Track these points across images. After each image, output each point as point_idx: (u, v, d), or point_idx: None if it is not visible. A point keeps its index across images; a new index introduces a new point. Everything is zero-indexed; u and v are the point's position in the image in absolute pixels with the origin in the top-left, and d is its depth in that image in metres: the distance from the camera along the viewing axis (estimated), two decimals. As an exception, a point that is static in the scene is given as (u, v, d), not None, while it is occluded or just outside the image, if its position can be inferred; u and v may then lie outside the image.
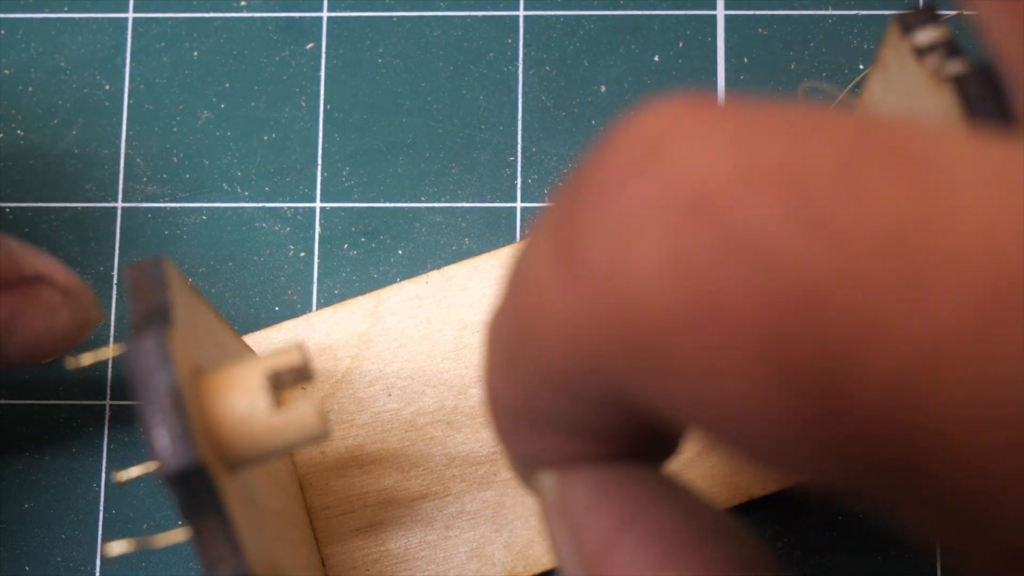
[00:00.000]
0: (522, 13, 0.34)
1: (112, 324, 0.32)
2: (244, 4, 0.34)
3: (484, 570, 0.29)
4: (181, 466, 0.20)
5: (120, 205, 0.33)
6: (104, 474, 0.31)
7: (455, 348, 0.31)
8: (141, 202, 0.33)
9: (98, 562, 0.31)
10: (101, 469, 0.31)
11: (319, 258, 0.32)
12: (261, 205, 0.33)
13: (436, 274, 0.31)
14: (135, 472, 0.23)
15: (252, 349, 0.30)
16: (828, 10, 0.33)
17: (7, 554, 0.31)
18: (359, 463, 0.30)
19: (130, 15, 0.34)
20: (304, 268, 0.32)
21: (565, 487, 0.19)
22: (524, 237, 0.18)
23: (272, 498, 0.26)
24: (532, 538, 0.30)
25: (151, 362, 0.20)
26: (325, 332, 0.31)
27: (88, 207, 0.33)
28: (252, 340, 0.31)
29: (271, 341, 0.31)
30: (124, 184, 0.33)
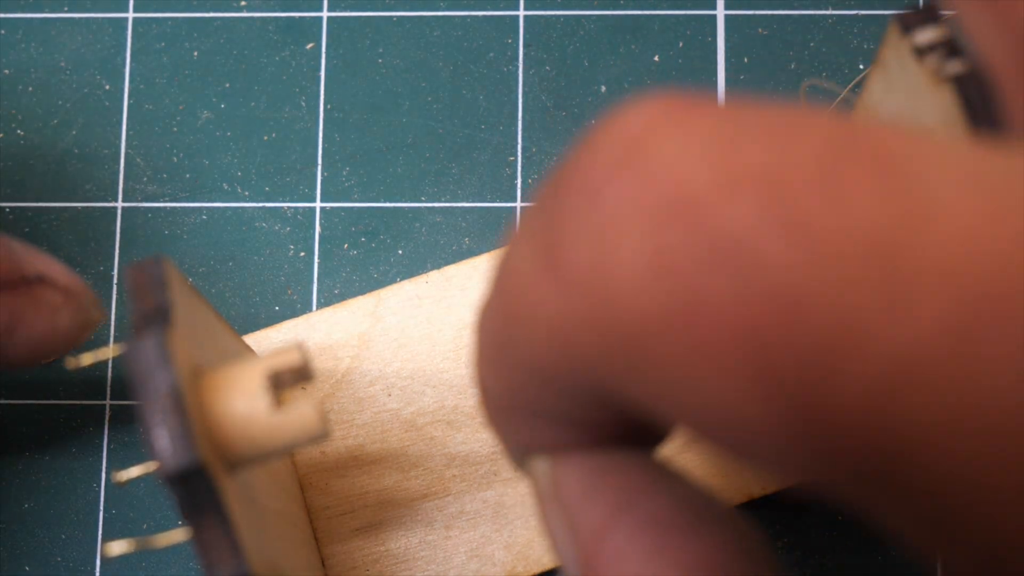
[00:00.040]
0: (522, 13, 0.34)
1: (112, 324, 0.32)
2: (244, 4, 0.34)
3: (484, 570, 0.29)
4: (181, 466, 0.20)
5: (120, 205, 0.33)
6: (104, 474, 0.31)
7: (455, 348, 0.31)
8: (141, 202, 0.33)
9: (98, 562, 0.31)
10: (101, 469, 0.31)
11: (319, 258, 0.32)
12: (261, 205, 0.33)
13: (436, 274, 0.31)
14: (135, 472, 0.23)
15: (252, 349, 0.30)
16: (828, 10, 0.33)
17: (7, 554, 0.31)
18: (359, 463, 0.30)
19: (130, 15, 0.34)
20: (304, 268, 0.32)
21: (559, 473, 0.19)
22: (509, 235, 0.18)
23: (272, 498, 0.26)
24: (532, 538, 0.30)
25: (151, 362, 0.20)
26: (325, 332, 0.31)
27: (88, 207, 0.33)
28: (252, 340, 0.31)
29: (271, 341, 0.31)
30: (124, 184, 0.33)
